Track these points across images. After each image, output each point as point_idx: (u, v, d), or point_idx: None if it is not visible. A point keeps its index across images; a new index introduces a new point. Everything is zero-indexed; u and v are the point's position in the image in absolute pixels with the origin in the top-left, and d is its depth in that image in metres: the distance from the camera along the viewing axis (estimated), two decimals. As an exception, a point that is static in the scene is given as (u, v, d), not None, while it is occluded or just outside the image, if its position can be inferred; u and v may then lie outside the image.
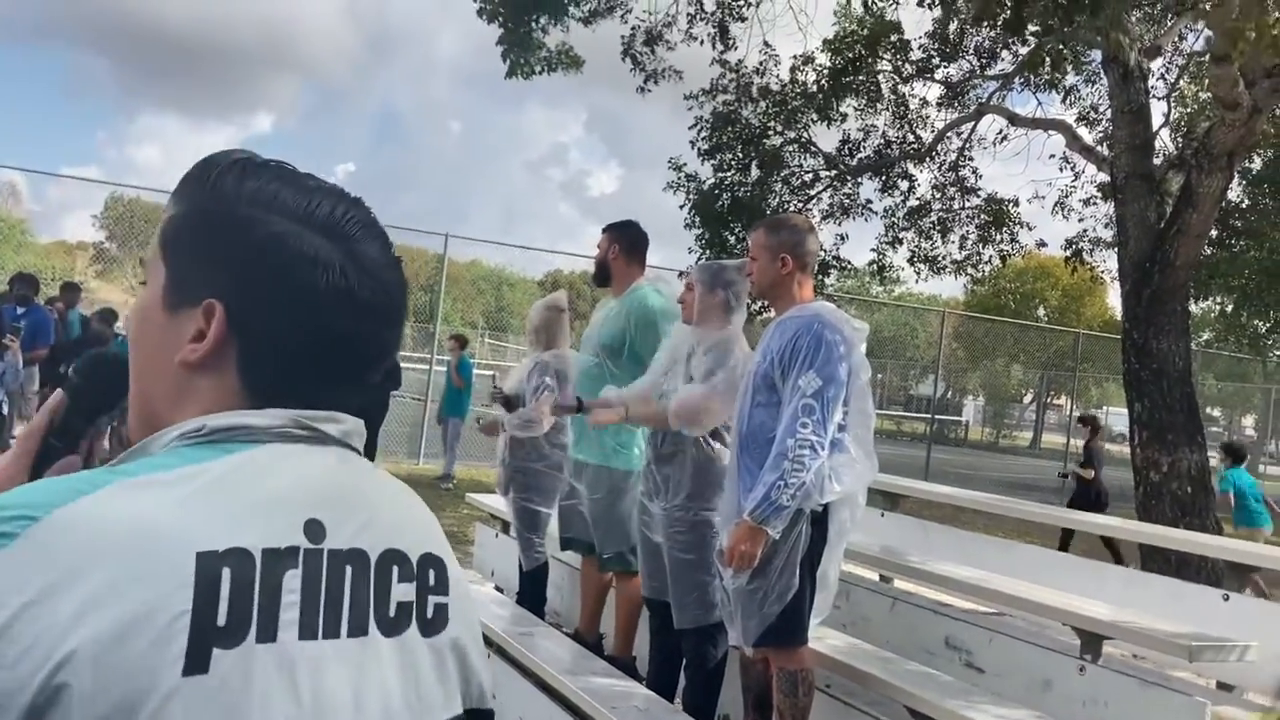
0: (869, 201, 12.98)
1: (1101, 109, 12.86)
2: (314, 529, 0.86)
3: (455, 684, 0.95)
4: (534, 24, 10.34)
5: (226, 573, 0.79)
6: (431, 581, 0.94)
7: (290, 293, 0.90)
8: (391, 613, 0.90)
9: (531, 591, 5.43)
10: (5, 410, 8.02)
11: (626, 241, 4.84)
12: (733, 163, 12.24)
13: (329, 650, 0.84)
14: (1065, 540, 9.44)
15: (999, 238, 13.32)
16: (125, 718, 0.74)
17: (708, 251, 11.91)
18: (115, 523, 0.78)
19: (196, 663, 0.76)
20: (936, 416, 24.18)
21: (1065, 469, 11.51)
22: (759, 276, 3.73)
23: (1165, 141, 12.41)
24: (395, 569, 0.91)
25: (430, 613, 0.93)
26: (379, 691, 0.87)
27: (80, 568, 0.75)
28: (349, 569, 0.87)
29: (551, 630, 4.75)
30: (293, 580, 0.83)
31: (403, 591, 0.91)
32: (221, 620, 0.78)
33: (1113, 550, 8.87)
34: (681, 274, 10.34)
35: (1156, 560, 7.77)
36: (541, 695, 4.09)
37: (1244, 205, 13.44)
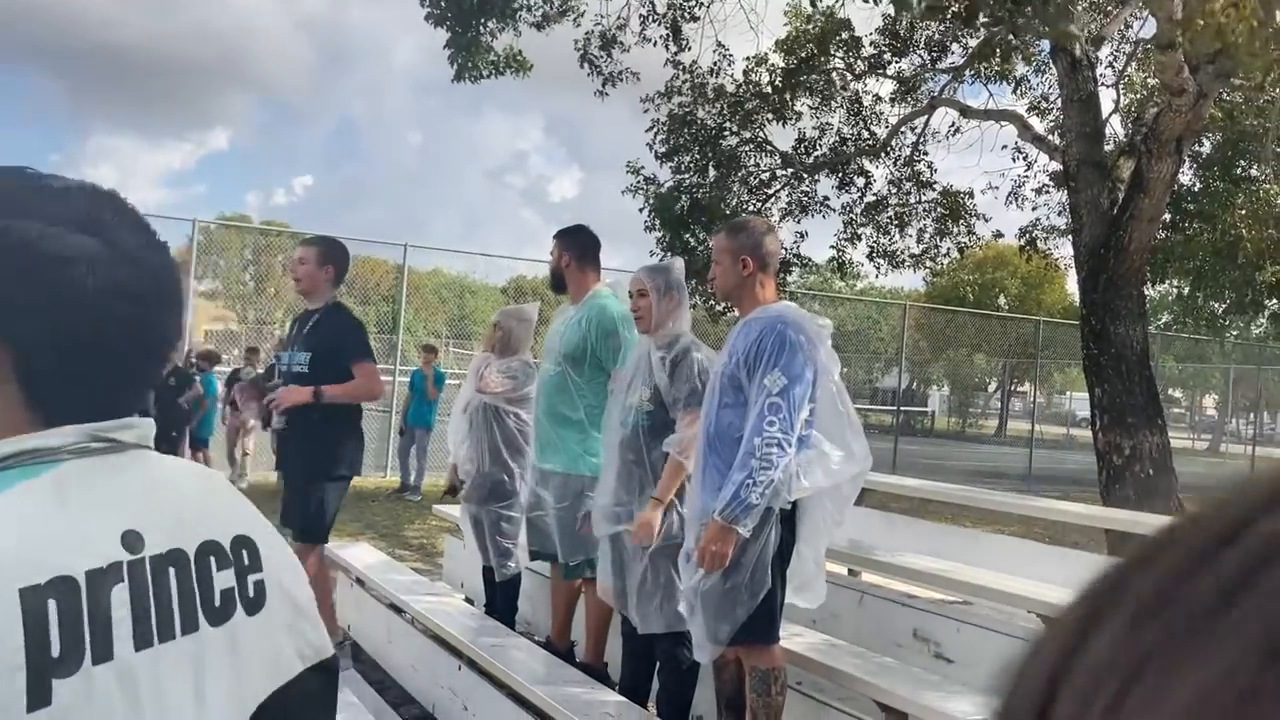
0: (826, 198, 13.05)
1: (1051, 98, 12.99)
2: (131, 539, 0.88)
3: (289, 649, 1.01)
4: (481, 28, 10.30)
5: (52, 604, 0.80)
6: (246, 561, 0.99)
7: (51, 294, 0.89)
8: (217, 602, 0.94)
9: (503, 602, 5.41)
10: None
11: (577, 248, 4.84)
12: (690, 164, 12.27)
13: (169, 653, 0.88)
14: None
15: (956, 230, 13.44)
16: None
17: (669, 253, 11.92)
18: None
19: (38, 697, 0.78)
20: (902, 408, 24.34)
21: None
22: (722, 280, 3.75)
23: (1115, 128, 12.57)
24: (213, 559, 0.95)
25: (251, 592, 0.98)
26: (217, 680, 0.92)
27: None
28: (172, 570, 0.90)
29: (522, 640, 4.73)
30: (120, 595, 0.85)
31: (224, 579, 0.95)
32: (55, 651, 0.80)
33: None
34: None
35: (1122, 544, 7.85)
36: (514, 706, 4.07)
37: (1195, 189, 13.61)
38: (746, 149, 12.50)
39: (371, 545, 7.03)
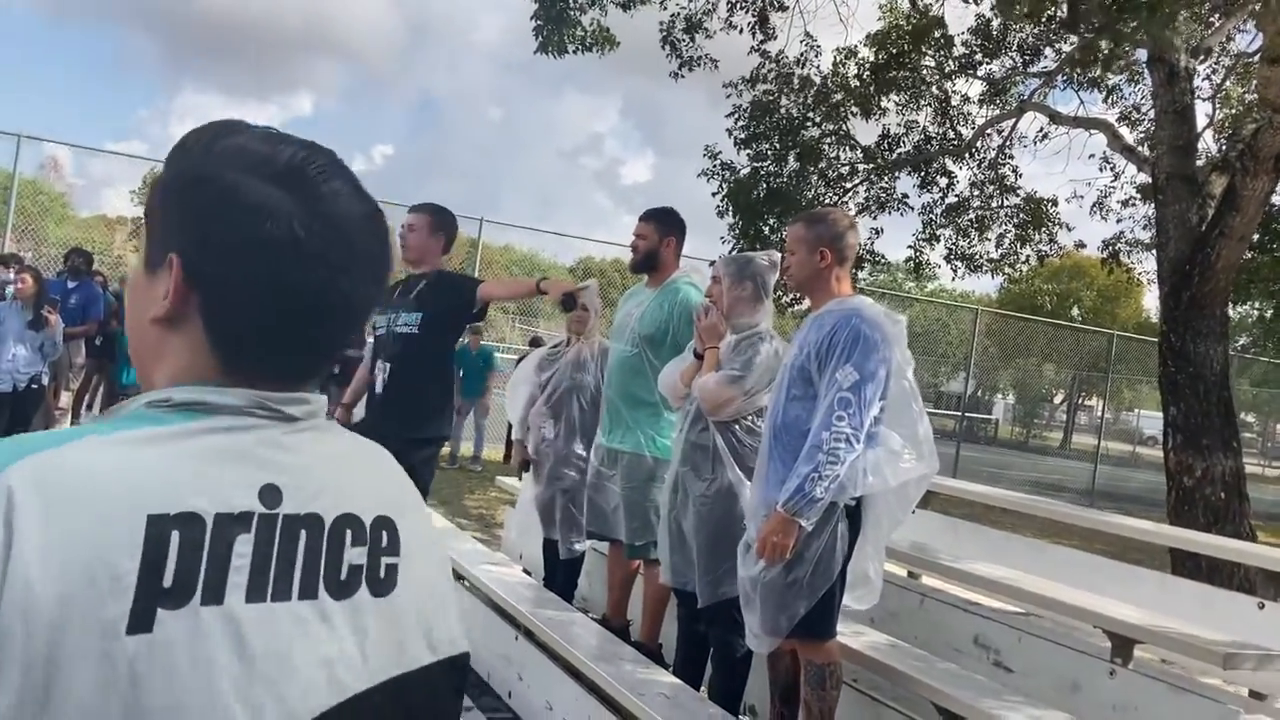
0: (906, 196, 12.88)
1: (1144, 109, 12.71)
2: (270, 494, 0.89)
3: (416, 638, 0.99)
4: (570, 1, 10.32)
5: (175, 536, 0.82)
6: (384, 543, 0.97)
7: (239, 243, 0.91)
8: (343, 576, 0.93)
9: (564, 577, 5.45)
10: (46, 381, 8.11)
11: (678, 232, 4.84)
12: (769, 153, 12.17)
13: (279, 612, 0.88)
14: None
15: (1037, 237, 13.20)
16: (69, 667, 0.77)
17: (741, 241, 11.87)
18: (77, 479, 0.81)
19: (141, 621, 0.80)
20: (966, 414, 24.04)
21: None
22: (797, 270, 3.71)
23: (1208, 143, 12.25)
24: (349, 533, 0.94)
25: (382, 574, 0.96)
26: (325, 651, 0.90)
27: (38, 520, 0.78)
28: (303, 533, 0.91)
29: (579, 616, 4.76)
30: (244, 544, 0.86)
31: (355, 555, 0.94)
32: (167, 582, 0.81)
33: None
34: (712, 264, 10.30)
35: (1187, 566, 7.70)
36: (569, 680, 4.11)
37: (1287, 209, 13.23)
38: (828, 141, 12.37)
39: (432, 512, 7.11)
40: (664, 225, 4.80)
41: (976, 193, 13.08)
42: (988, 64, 12.55)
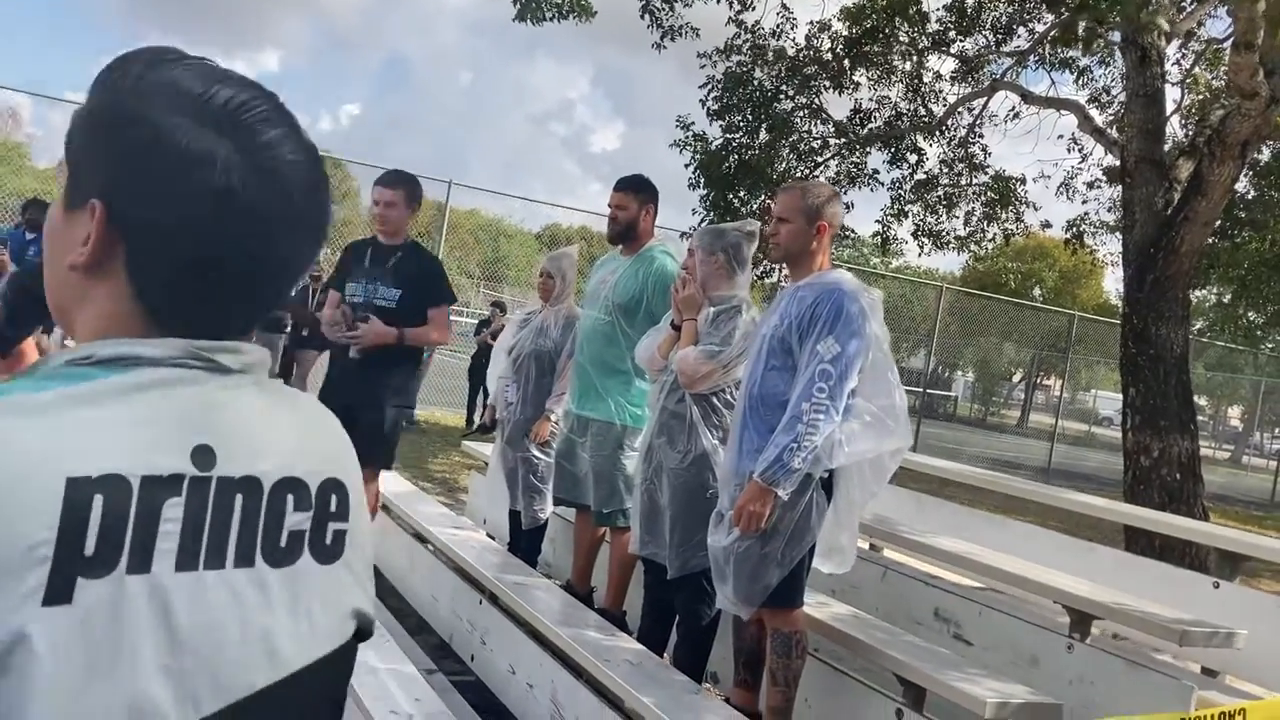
0: (876, 172, 12.91)
1: (1114, 91, 12.79)
2: (203, 455, 0.83)
3: (350, 609, 0.93)
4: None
5: (99, 500, 0.76)
6: (333, 507, 0.92)
7: (167, 191, 0.84)
8: (282, 542, 0.87)
9: (528, 544, 5.44)
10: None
11: (654, 202, 4.83)
12: (742, 124, 12.15)
13: (211, 580, 0.82)
14: None
15: (1004, 216, 13.29)
16: None
17: (711, 213, 11.86)
18: None
19: (58, 593, 0.74)
20: (927, 390, 24.23)
21: None
22: (790, 239, 3.69)
23: (1174, 127, 12.36)
24: (290, 497, 0.88)
25: (329, 539, 0.91)
26: (263, 622, 0.85)
27: None
28: (239, 497, 0.85)
29: (544, 581, 4.77)
30: (173, 509, 0.80)
31: (296, 520, 0.88)
32: (89, 550, 0.75)
33: None
34: (683, 235, 10.32)
35: (1140, 543, 7.82)
36: (533, 644, 4.12)
37: (1249, 196, 13.39)
38: (800, 114, 12.37)
39: (397, 475, 7.08)
40: (643, 194, 4.79)
41: (946, 170, 13.15)
42: (961, 41, 12.57)
